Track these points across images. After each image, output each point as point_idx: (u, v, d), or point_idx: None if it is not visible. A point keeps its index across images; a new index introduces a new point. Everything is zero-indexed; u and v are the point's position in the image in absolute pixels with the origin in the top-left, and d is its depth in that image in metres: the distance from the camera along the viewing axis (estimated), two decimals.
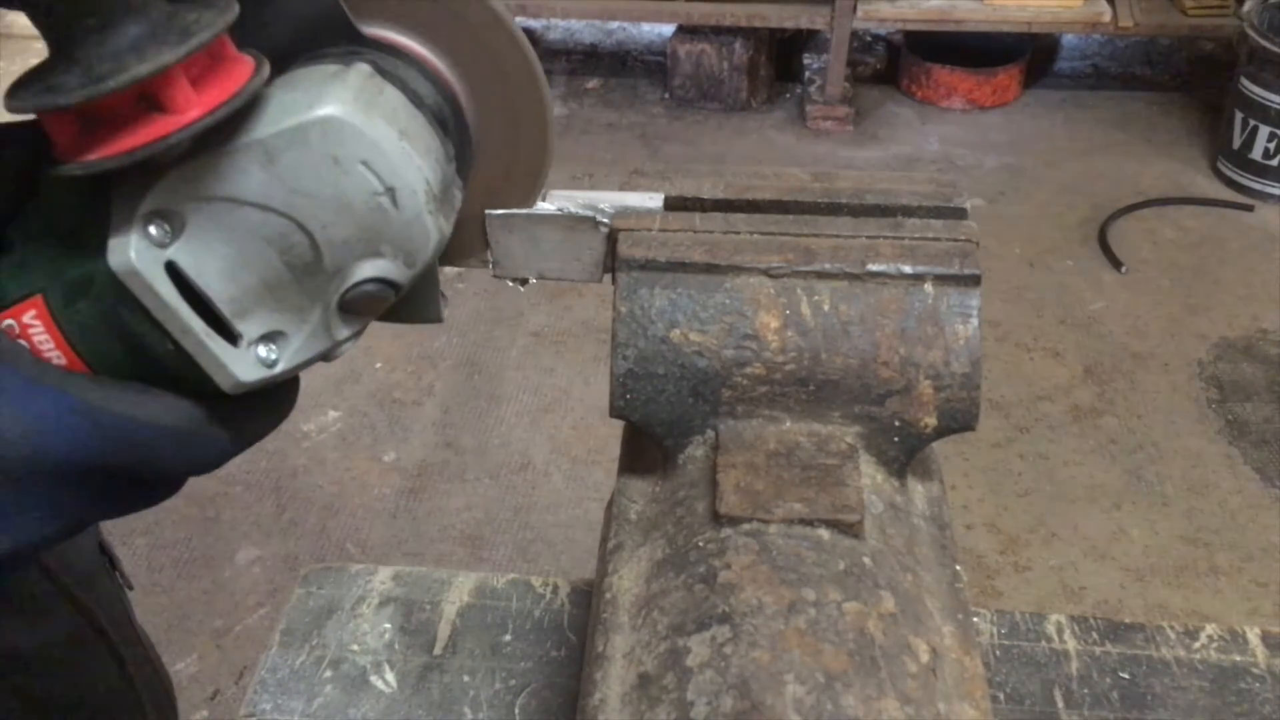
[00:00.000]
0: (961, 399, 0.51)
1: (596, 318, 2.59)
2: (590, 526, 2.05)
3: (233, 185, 0.44)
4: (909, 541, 0.50)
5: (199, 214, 0.44)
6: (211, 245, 0.45)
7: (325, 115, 0.44)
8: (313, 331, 0.49)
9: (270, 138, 0.44)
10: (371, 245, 0.47)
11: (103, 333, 0.45)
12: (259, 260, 0.46)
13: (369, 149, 0.45)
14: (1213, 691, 0.66)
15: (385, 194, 0.45)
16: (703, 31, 3.39)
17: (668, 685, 0.42)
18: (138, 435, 0.45)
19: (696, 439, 0.53)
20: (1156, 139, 3.34)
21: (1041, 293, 2.71)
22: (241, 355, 0.47)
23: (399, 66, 0.49)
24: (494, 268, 0.58)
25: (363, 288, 0.47)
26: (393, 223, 0.46)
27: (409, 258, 0.48)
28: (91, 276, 0.44)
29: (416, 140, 0.47)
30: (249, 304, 0.47)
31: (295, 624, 0.69)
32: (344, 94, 0.45)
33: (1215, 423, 2.35)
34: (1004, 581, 2.03)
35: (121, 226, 0.43)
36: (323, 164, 0.44)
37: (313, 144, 0.44)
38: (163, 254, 0.44)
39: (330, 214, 0.45)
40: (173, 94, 0.41)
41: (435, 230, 0.48)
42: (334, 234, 0.46)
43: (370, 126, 0.45)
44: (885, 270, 0.52)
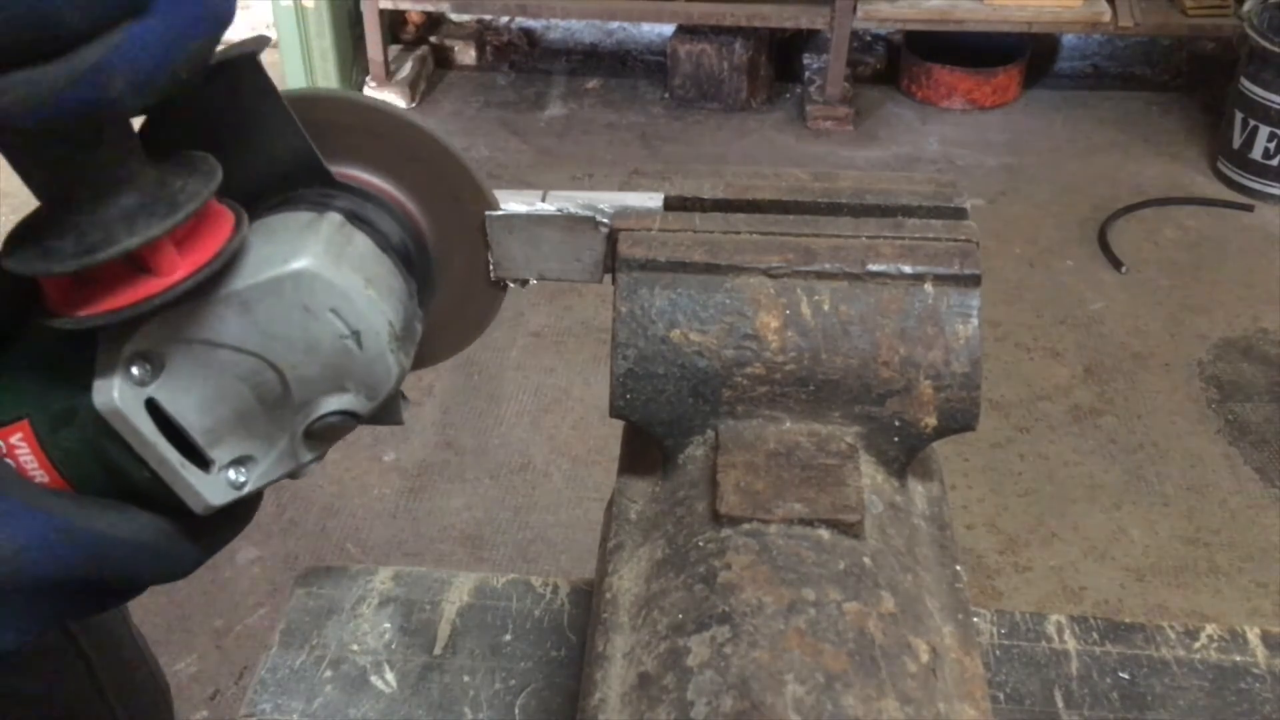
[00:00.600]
0: (961, 399, 0.51)
1: (596, 318, 2.59)
2: (590, 526, 2.05)
3: (211, 330, 0.47)
4: (909, 541, 0.50)
5: (178, 354, 0.47)
6: (189, 382, 0.48)
7: (299, 269, 0.47)
8: (279, 456, 0.52)
9: (248, 289, 0.47)
10: (337, 382, 0.50)
11: (85, 458, 0.48)
12: (232, 395, 0.49)
13: (338, 298, 0.48)
14: (1213, 691, 0.66)
15: (351, 337, 0.49)
16: (703, 31, 3.39)
17: (668, 685, 0.42)
18: (116, 552, 0.48)
19: (696, 439, 0.53)
20: (1156, 139, 3.35)
21: (1041, 293, 2.71)
22: (212, 480, 0.50)
23: (368, 209, 0.53)
24: (494, 269, 0.58)
25: (327, 419, 0.51)
26: (357, 362, 0.50)
27: (371, 392, 0.51)
28: (76, 409, 0.47)
29: (382, 285, 0.51)
30: (221, 433, 0.50)
31: (295, 624, 0.69)
32: (316, 247, 0.48)
33: (1215, 423, 2.35)
34: (1004, 581, 2.03)
35: (106, 369, 0.46)
36: (295, 312, 0.48)
37: (286, 294, 0.47)
38: (143, 392, 0.47)
39: (300, 355, 0.49)
40: (159, 258, 0.44)
41: (396, 366, 0.51)
42: (303, 372, 0.49)
43: (339, 277, 0.48)
44: (885, 270, 0.52)
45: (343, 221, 0.51)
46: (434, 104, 3.53)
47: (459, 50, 3.74)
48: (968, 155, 3.27)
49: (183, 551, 0.51)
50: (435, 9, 3.45)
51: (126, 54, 0.37)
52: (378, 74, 3.40)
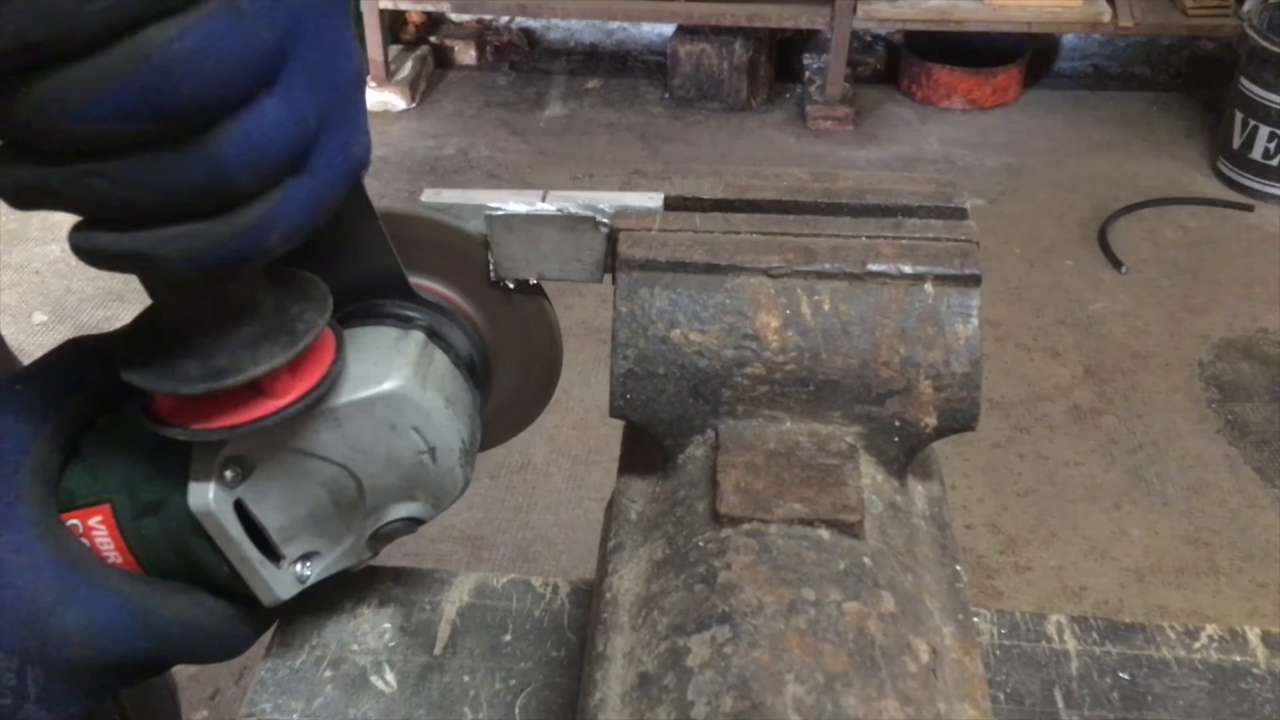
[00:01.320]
0: (962, 399, 0.51)
1: (596, 318, 2.59)
2: (590, 526, 2.05)
3: (303, 441, 0.50)
4: (909, 541, 0.50)
5: (269, 460, 0.50)
6: (274, 486, 0.51)
7: (389, 391, 0.50)
8: (343, 554, 0.55)
9: (341, 407, 0.50)
10: (409, 491, 0.54)
11: (164, 546, 0.50)
12: (311, 498, 0.52)
13: (422, 418, 0.51)
14: (1213, 692, 0.66)
15: (428, 453, 0.52)
16: (703, 31, 3.39)
17: (668, 685, 0.42)
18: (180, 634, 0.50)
19: (696, 439, 0.53)
20: (1156, 139, 3.35)
21: (1041, 293, 2.71)
22: (282, 575, 0.53)
23: (444, 325, 0.56)
24: (494, 269, 0.58)
25: (393, 524, 0.54)
26: (430, 475, 0.53)
27: (437, 501, 0.55)
28: (164, 502, 0.49)
29: (458, 404, 0.54)
30: (295, 532, 0.53)
31: (295, 624, 0.69)
32: (406, 368, 0.51)
33: (1215, 423, 2.35)
34: (1004, 581, 2.03)
35: (202, 473, 0.48)
36: (381, 428, 0.51)
37: (377, 413, 0.50)
38: (234, 494, 0.49)
39: (379, 467, 0.52)
40: (275, 383, 0.46)
41: (463, 479, 0.55)
42: (380, 482, 0.52)
43: (425, 399, 0.51)
44: (885, 270, 0.52)
45: (425, 341, 0.54)
46: (434, 104, 3.53)
47: (459, 50, 3.74)
48: (968, 155, 3.27)
49: (242, 634, 0.54)
50: (435, 9, 3.45)
51: (285, 211, 0.39)
52: (378, 74, 3.40)
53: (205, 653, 0.53)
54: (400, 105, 3.44)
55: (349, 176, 0.43)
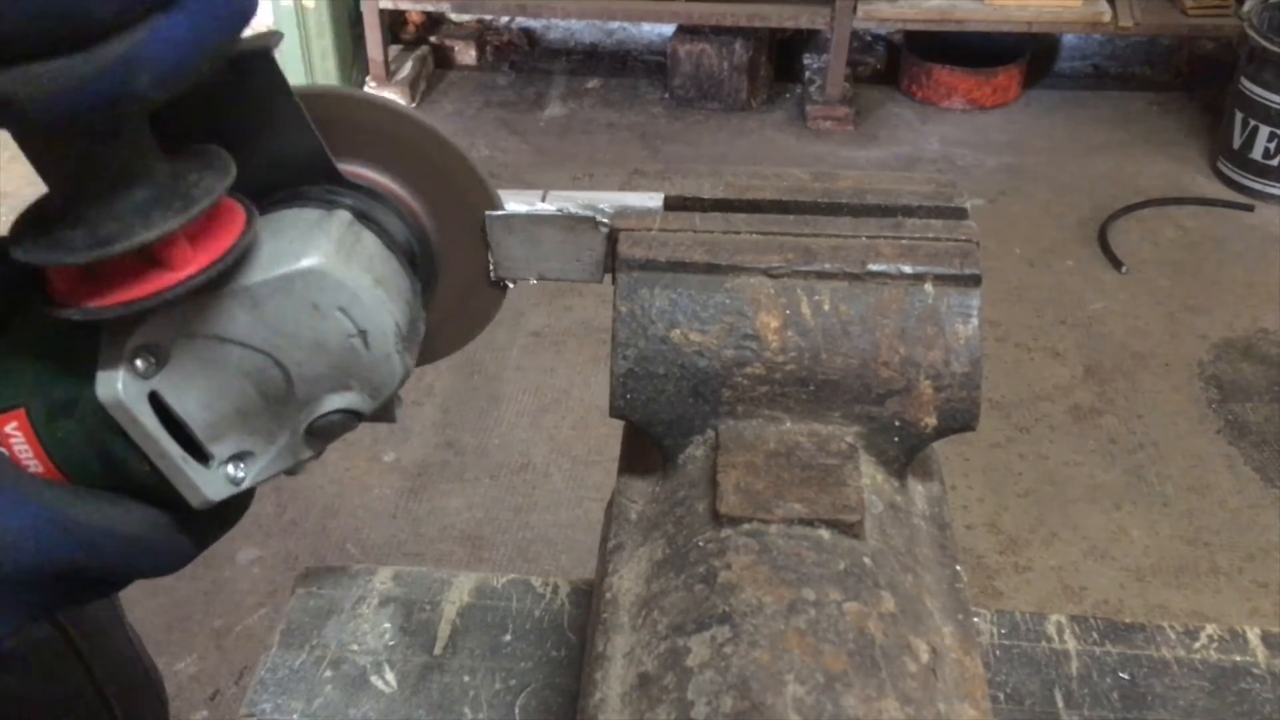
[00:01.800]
0: (962, 399, 0.51)
1: (596, 318, 2.59)
2: (590, 526, 2.05)
3: (218, 325, 0.47)
4: (909, 541, 0.50)
5: (183, 349, 0.47)
6: (192, 377, 0.48)
7: (309, 266, 0.47)
8: (279, 453, 0.52)
9: (257, 285, 0.47)
10: (341, 380, 0.50)
11: (82, 449, 0.47)
12: (235, 391, 0.49)
13: (347, 297, 0.48)
14: (1213, 692, 0.66)
15: (358, 336, 0.49)
16: (703, 31, 3.39)
17: (668, 685, 0.42)
18: (109, 544, 0.47)
19: (696, 439, 0.53)
20: (1157, 139, 3.34)
21: (1042, 293, 2.71)
22: (212, 475, 0.50)
23: (375, 209, 0.53)
24: (494, 269, 0.58)
25: (329, 417, 0.51)
26: (363, 361, 0.50)
27: (375, 391, 0.51)
28: (76, 400, 0.46)
29: (389, 284, 0.51)
30: (222, 429, 0.50)
31: (295, 624, 0.69)
32: (326, 245, 0.48)
33: (1215, 423, 2.35)
34: (1004, 581, 2.03)
35: (110, 361, 0.45)
36: (303, 310, 0.48)
37: (296, 292, 0.47)
38: (147, 385, 0.46)
39: (306, 353, 0.49)
40: (172, 253, 0.44)
41: (401, 367, 0.51)
42: (308, 370, 0.49)
43: (349, 276, 0.48)
44: (885, 270, 0.52)
45: (351, 220, 0.51)
46: (434, 104, 3.53)
47: (459, 50, 3.74)
48: (968, 155, 3.27)
49: (176, 546, 0.50)
50: (435, 9, 3.45)
51: (152, 48, 0.37)
52: (378, 74, 3.40)
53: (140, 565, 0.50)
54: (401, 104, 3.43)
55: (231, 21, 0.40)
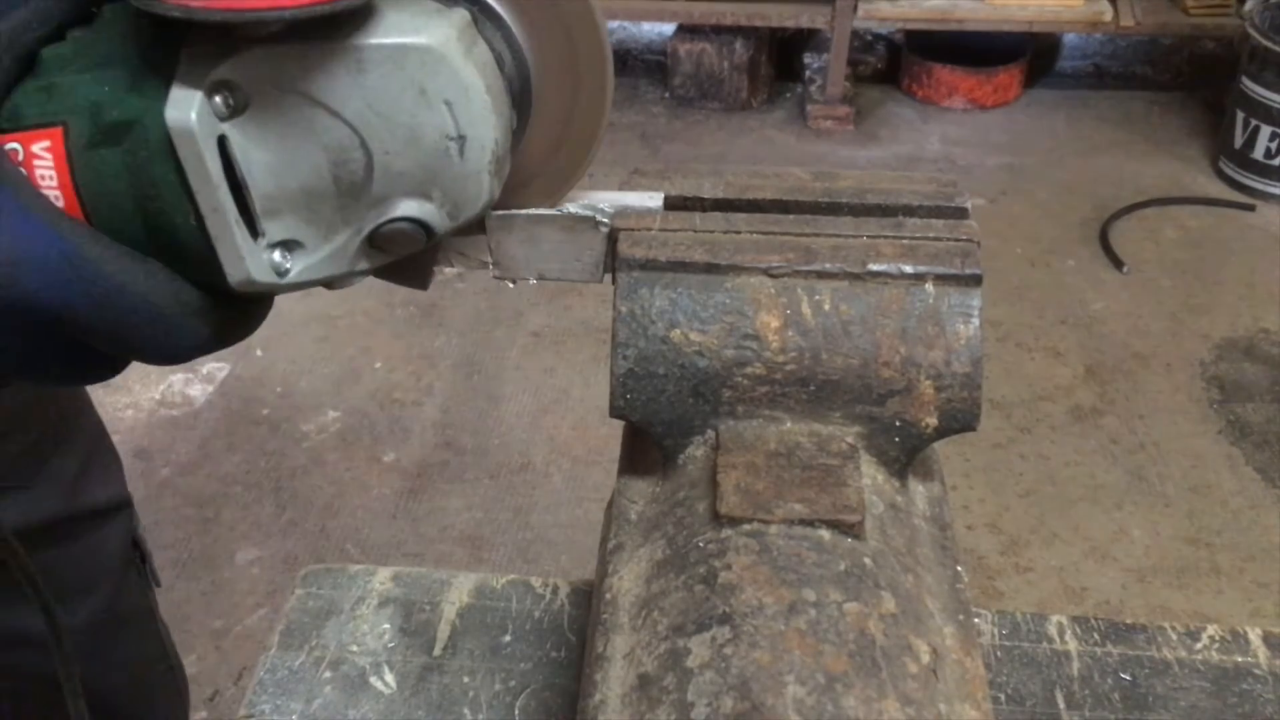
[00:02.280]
0: (962, 399, 0.51)
1: (596, 318, 2.59)
2: (590, 527, 2.05)
3: (313, 83, 0.42)
4: (910, 542, 0.50)
5: (268, 99, 0.42)
6: (268, 135, 0.43)
7: (428, 44, 0.43)
8: (333, 253, 0.47)
9: (368, 48, 0.42)
10: (424, 186, 0.46)
11: (120, 186, 0.42)
12: (309, 165, 0.44)
13: (458, 91, 0.44)
14: (1214, 692, 0.66)
15: (456, 140, 0.45)
16: (703, 31, 3.39)
17: (668, 686, 0.42)
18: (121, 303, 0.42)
19: (697, 439, 0.53)
20: (1158, 138, 3.34)
21: (1042, 292, 2.71)
22: (258, 253, 0.45)
23: (488, 27, 0.49)
24: (494, 269, 0.58)
25: (399, 224, 0.46)
26: (453, 170, 0.46)
27: (455, 209, 0.47)
28: (133, 123, 0.41)
29: (497, 99, 0.46)
30: (282, 205, 0.45)
31: (295, 624, 0.69)
32: (450, 31, 0.44)
33: (1217, 423, 2.35)
34: (1005, 582, 2.02)
35: (190, 83, 0.41)
36: (409, 90, 0.43)
37: (408, 68, 0.43)
38: (220, 126, 0.42)
39: (398, 142, 0.44)
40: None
41: (488, 191, 0.47)
42: (394, 162, 0.45)
43: (465, 70, 0.44)
44: (886, 270, 0.52)
45: (469, 23, 0.47)
46: None
47: None
48: (969, 155, 3.26)
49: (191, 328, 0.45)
50: None
51: None
52: None
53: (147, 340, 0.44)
54: None
55: None
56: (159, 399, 2.32)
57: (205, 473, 2.14)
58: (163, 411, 2.30)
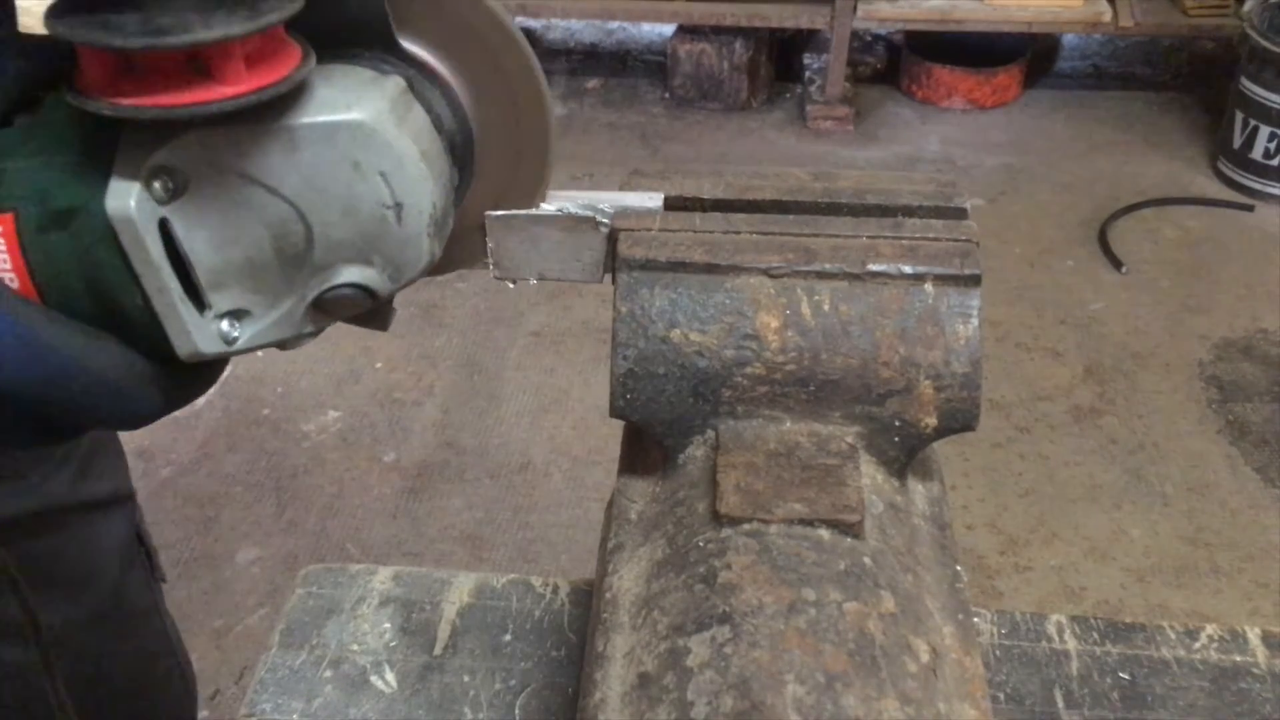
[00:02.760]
0: (962, 399, 0.51)
1: (596, 318, 2.59)
2: (590, 526, 2.05)
3: (249, 163, 0.44)
4: (909, 541, 0.50)
5: (206, 180, 0.43)
6: (208, 214, 0.44)
7: (359, 120, 0.44)
8: (279, 319, 0.48)
9: (300, 127, 0.44)
10: (365, 252, 0.47)
11: (70, 268, 0.43)
12: (251, 239, 0.45)
13: (392, 162, 0.45)
14: (1213, 692, 0.66)
15: (393, 208, 0.46)
16: (703, 31, 3.39)
17: (668, 685, 0.42)
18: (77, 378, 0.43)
19: (697, 439, 0.53)
20: (1157, 139, 3.34)
21: (1042, 293, 2.71)
22: (205, 326, 0.46)
23: (427, 88, 0.50)
24: (494, 269, 0.58)
25: (342, 290, 0.47)
26: (392, 236, 0.47)
27: (396, 272, 0.48)
28: (78, 210, 0.43)
29: (433, 163, 0.48)
30: (227, 278, 0.46)
31: (295, 624, 0.69)
32: (380, 103, 0.45)
33: (1216, 423, 2.35)
34: (1004, 582, 2.02)
35: (127, 172, 0.42)
36: (343, 165, 0.45)
37: (340, 144, 0.44)
38: (160, 210, 0.43)
39: (335, 213, 0.46)
40: (225, 65, 0.41)
41: (428, 253, 0.48)
42: (333, 233, 0.46)
43: (398, 141, 0.45)
44: (885, 270, 0.52)
45: (405, 88, 0.48)
46: None
47: None
48: (968, 155, 3.26)
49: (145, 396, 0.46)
50: None
51: None
52: None
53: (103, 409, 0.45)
54: None
55: None
56: None
57: (206, 472, 2.14)
58: None
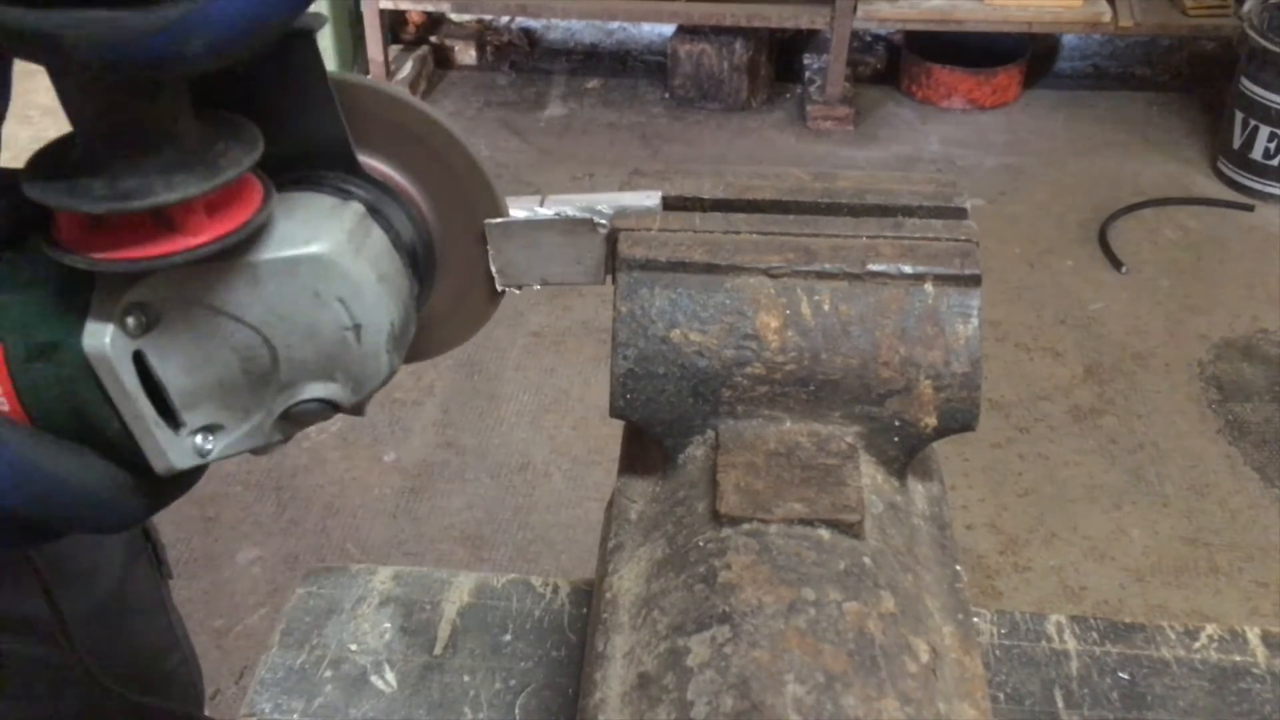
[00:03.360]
0: (962, 399, 0.51)
1: (596, 318, 2.59)
2: (590, 526, 2.05)
3: (216, 296, 0.47)
4: (909, 541, 0.50)
5: (176, 313, 0.47)
6: (180, 342, 0.47)
7: (317, 253, 0.47)
8: (250, 431, 0.51)
9: (263, 263, 0.46)
10: (328, 370, 0.50)
11: (54, 394, 0.47)
12: (220, 363, 0.49)
13: (350, 289, 0.48)
14: (1213, 691, 0.66)
15: (353, 330, 0.49)
16: (703, 31, 3.39)
17: (668, 685, 0.42)
18: (64, 496, 0.47)
19: (696, 439, 0.53)
20: (1157, 139, 3.34)
21: (1041, 293, 2.71)
22: (180, 443, 0.49)
23: (387, 205, 0.53)
24: (497, 277, 0.58)
25: (307, 404, 0.50)
26: (352, 355, 0.50)
27: (357, 386, 0.51)
28: (59, 344, 0.46)
29: (391, 283, 0.51)
30: (200, 398, 0.49)
31: (295, 624, 0.69)
32: (338, 235, 0.48)
33: (1215, 423, 2.35)
34: (1004, 581, 2.03)
35: (102, 314, 0.45)
36: (304, 295, 0.47)
37: (300, 276, 0.47)
38: (134, 344, 0.46)
39: (298, 337, 0.48)
40: (187, 218, 0.44)
41: (388, 366, 0.51)
42: (296, 355, 0.49)
43: (355, 269, 0.48)
44: (885, 270, 0.52)
45: (364, 213, 0.51)
46: (434, 104, 3.52)
47: (459, 50, 3.73)
48: (968, 155, 3.27)
49: (129, 506, 0.50)
50: (435, 9, 3.45)
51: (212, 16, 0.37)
52: (378, 74, 3.40)
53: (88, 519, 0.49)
54: None
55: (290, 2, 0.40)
56: None
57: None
58: None
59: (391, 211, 0.53)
